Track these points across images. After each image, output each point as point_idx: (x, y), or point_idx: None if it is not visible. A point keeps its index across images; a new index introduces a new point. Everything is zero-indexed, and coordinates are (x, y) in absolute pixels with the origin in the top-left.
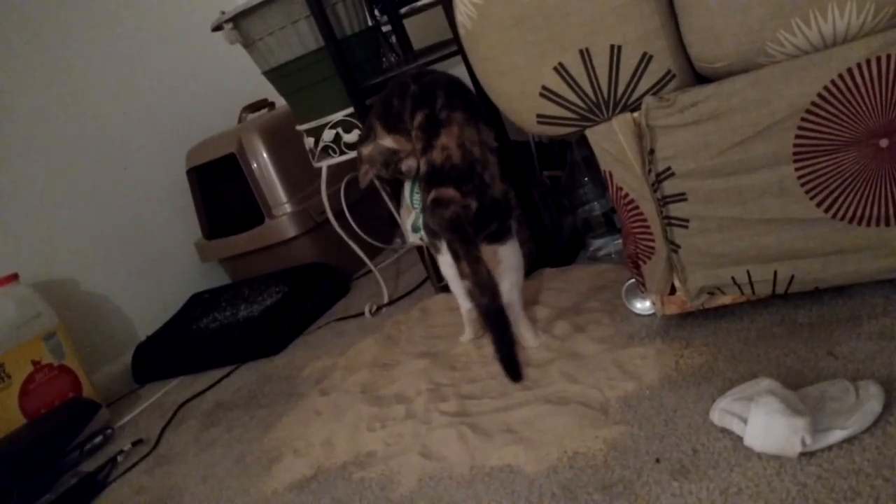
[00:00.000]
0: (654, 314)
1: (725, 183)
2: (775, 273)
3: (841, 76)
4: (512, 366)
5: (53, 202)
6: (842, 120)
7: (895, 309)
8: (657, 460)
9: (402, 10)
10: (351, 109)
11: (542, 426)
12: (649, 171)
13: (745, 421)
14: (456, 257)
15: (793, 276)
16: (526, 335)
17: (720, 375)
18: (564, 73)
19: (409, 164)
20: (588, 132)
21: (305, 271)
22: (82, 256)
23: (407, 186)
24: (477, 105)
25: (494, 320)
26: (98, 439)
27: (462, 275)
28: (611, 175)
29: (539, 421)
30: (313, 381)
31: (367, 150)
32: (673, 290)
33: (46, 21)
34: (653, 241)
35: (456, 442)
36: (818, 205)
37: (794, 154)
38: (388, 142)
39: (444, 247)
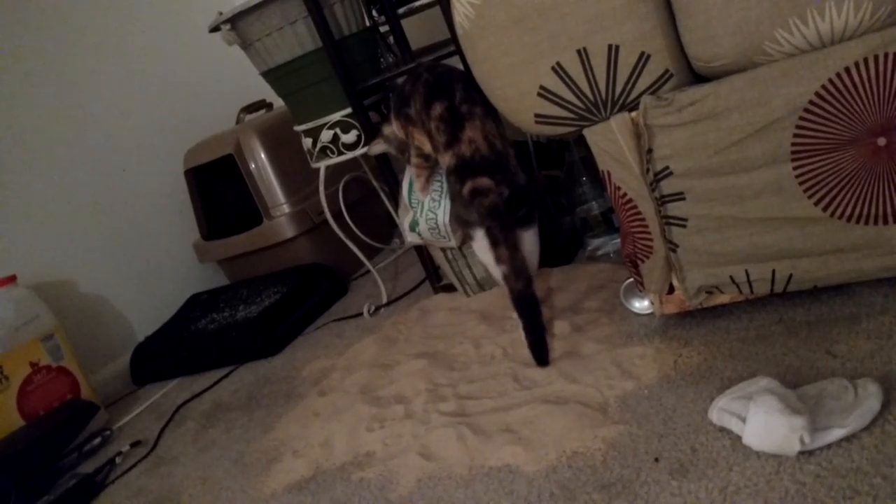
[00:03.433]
0: (652, 313)
1: (723, 182)
2: (773, 272)
3: (839, 75)
4: (541, 351)
5: (51, 203)
6: (840, 119)
7: (893, 307)
8: (656, 459)
9: (400, 11)
10: (349, 110)
11: (541, 426)
12: (647, 170)
13: (743, 420)
14: (495, 243)
15: (791, 275)
16: None
17: (718, 374)
18: (562, 73)
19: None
20: (586, 132)
21: (304, 272)
22: (80, 258)
23: (405, 186)
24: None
25: (527, 306)
26: (97, 441)
27: (500, 260)
28: (609, 174)
29: (538, 421)
30: (312, 382)
31: (387, 129)
32: (671, 290)
33: (43, 22)
34: (651, 240)
35: (455, 442)
36: (816, 204)
37: (793, 153)
38: (395, 127)
39: (478, 234)
